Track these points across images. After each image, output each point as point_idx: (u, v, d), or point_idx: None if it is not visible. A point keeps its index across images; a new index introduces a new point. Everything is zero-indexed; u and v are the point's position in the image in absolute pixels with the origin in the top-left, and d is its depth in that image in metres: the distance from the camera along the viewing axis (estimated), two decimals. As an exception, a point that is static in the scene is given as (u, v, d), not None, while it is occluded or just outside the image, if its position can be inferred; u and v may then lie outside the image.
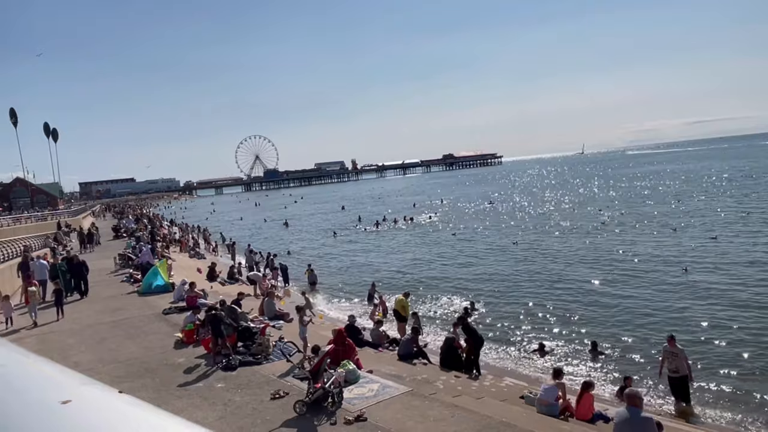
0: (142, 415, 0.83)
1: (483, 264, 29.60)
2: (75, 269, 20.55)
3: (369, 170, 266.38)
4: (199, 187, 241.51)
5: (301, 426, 8.64)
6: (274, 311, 17.43)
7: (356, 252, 38.40)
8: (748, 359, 13.92)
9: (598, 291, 21.65)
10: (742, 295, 19.21)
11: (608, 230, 37.18)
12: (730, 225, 34.21)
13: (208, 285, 22.42)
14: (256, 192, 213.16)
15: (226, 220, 78.26)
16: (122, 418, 0.82)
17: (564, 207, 56.01)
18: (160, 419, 0.81)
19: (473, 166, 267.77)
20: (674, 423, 10.51)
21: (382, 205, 78.90)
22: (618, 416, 7.31)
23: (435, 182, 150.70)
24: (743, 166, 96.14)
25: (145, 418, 0.82)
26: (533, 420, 9.43)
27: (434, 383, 11.78)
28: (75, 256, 21.89)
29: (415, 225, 50.75)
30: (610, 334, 16.64)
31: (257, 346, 12.82)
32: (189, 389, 10.59)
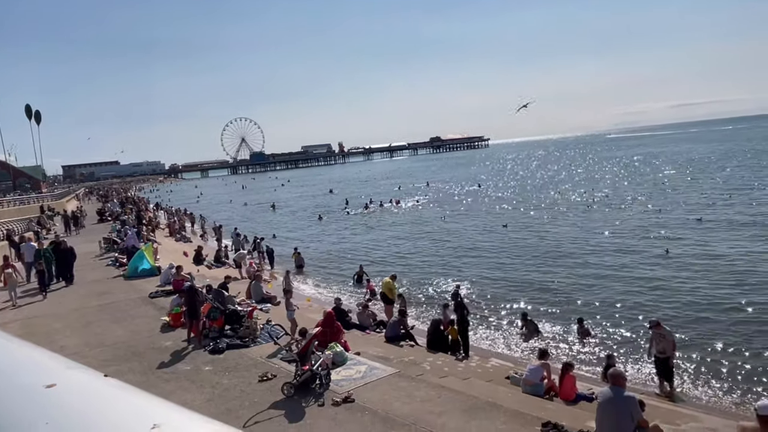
0: (129, 398, 0.83)
1: (471, 246, 29.71)
2: (62, 255, 19.73)
3: (356, 153, 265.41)
4: (184, 170, 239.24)
5: (288, 408, 8.69)
6: (261, 294, 17.43)
7: (344, 235, 38.38)
8: (729, 338, 14.15)
9: (585, 273, 21.81)
10: (722, 275, 19.50)
11: (594, 212, 37.47)
12: (712, 207, 34.61)
13: (195, 268, 22.32)
14: (243, 175, 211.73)
15: (214, 203, 77.72)
16: (108, 401, 0.82)
17: (551, 189, 56.28)
18: (147, 402, 0.81)
19: (460, 149, 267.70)
20: (656, 401, 10.71)
21: (370, 188, 78.77)
22: (602, 395, 7.43)
23: (422, 165, 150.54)
24: (728, 149, 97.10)
25: (131, 401, 0.81)
26: (518, 400, 9.56)
27: (421, 365, 11.90)
28: (63, 241, 20.95)
29: (401, 208, 50.76)
30: (596, 314, 16.83)
31: (244, 329, 12.83)
32: (177, 372, 10.59)
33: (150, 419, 0.70)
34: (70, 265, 19.69)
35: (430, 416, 8.24)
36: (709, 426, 9.17)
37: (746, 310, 16.01)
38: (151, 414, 0.74)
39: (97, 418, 0.75)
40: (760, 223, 28.26)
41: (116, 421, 0.74)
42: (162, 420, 0.70)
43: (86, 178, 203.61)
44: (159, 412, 0.75)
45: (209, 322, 13.01)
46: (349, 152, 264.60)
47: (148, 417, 0.72)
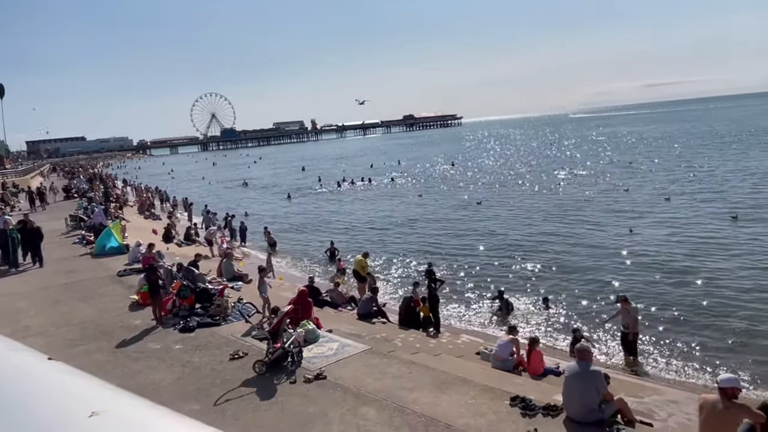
0: (71, 383, 0.78)
1: (445, 224, 29.90)
2: (29, 235, 18.61)
3: (329, 130, 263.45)
4: (153, 146, 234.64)
5: (260, 385, 8.68)
6: (232, 272, 17.27)
7: (316, 213, 38.24)
8: (691, 315, 14.57)
9: (555, 250, 22.17)
10: (685, 254, 20.01)
11: (565, 190, 37.97)
12: (678, 185, 35.34)
13: (164, 246, 21.99)
14: (213, 152, 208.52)
15: (185, 180, 76.43)
16: (49, 386, 0.77)
17: (522, 167, 56.76)
18: (89, 387, 0.76)
19: (433, 127, 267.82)
20: (621, 375, 11.00)
21: (344, 166, 78.40)
22: (568, 369, 7.58)
23: (395, 143, 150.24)
24: (697, 129, 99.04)
25: (73, 386, 0.77)
26: (488, 375, 9.72)
27: (393, 341, 11.98)
28: (30, 221, 19.74)
29: (375, 186, 50.67)
30: (563, 291, 17.16)
31: (215, 307, 12.72)
32: (146, 351, 10.47)
33: (90, 405, 0.67)
34: (38, 246, 18.65)
35: (402, 392, 8.32)
36: (671, 398, 9.46)
37: (709, 288, 16.48)
38: (92, 400, 0.70)
39: (33, 404, 0.71)
40: (721, 199, 29.02)
41: (54, 406, 0.70)
42: (102, 406, 0.66)
43: (51, 154, 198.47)
44: (100, 398, 0.71)
45: (179, 300, 12.87)
46: (322, 129, 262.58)
47: (88, 403, 0.68)
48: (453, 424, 7.22)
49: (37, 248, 18.52)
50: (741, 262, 18.62)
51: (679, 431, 7.96)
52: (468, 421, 7.33)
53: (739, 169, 40.44)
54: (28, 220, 19.64)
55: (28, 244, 18.57)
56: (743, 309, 14.60)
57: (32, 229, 18.81)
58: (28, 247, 18.59)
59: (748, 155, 49.40)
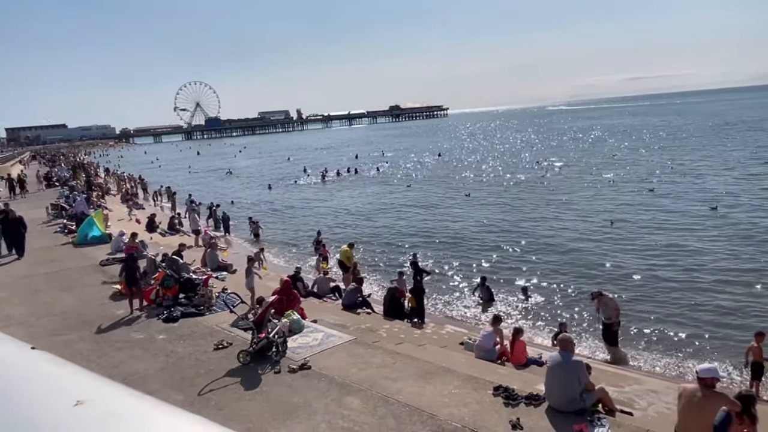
0: (55, 372, 0.78)
1: (432, 215, 29.98)
2: (10, 225, 17.85)
3: (314, 120, 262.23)
4: (136, 134, 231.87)
5: (245, 375, 8.68)
6: (217, 262, 17.20)
7: (301, 203, 38.09)
8: (670, 306, 14.79)
9: (541, 242, 22.27)
10: (665, 243, 20.28)
11: (550, 182, 38.19)
12: (663, 177, 35.73)
13: (148, 236, 21.81)
14: (197, 141, 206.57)
15: (170, 169, 75.54)
16: (32, 375, 0.77)
17: (509, 159, 56.97)
18: (74, 376, 0.76)
19: (419, 117, 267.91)
20: (602, 366, 11.15)
21: (331, 156, 78.18)
22: (551, 360, 7.67)
23: (382, 133, 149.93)
24: (678, 122, 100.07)
25: (57, 375, 0.77)
26: (472, 365, 9.80)
27: (377, 332, 12.02)
28: (11, 210, 18.86)
29: (360, 177, 50.58)
30: (545, 281, 17.32)
31: (200, 297, 12.68)
32: (129, 341, 10.41)
33: (75, 394, 0.67)
34: (21, 237, 17.95)
35: (386, 381, 8.37)
36: (651, 388, 9.61)
37: (689, 278, 16.73)
38: (76, 389, 0.70)
39: (17, 394, 0.71)
40: (701, 190, 29.40)
41: (38, 396, 0.70)
42: (87, 395, 0.66)
43: (32, 141, 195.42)
44: (85, 387, 0.71)
45: (163, 290, 12.80)
46: (308, 119, 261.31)
47: (73, 392, 0.68)
48: (437, 414, 7.28)
49: (21, 239, 17.89)
50: (720, 252, 18.92)
51: (658, 420, 8.09)
52: (452, 410, 7.40)
53: (719, 162, 40.96)
54: (9, 210, 18.90)
55: (9, 234, 17.94)
56: (723, 299, 14.85)
57: (14, 219, 18.07)
58: (10, 237, 17.94)
59: (727, 147, 50.08)
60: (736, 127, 74.87)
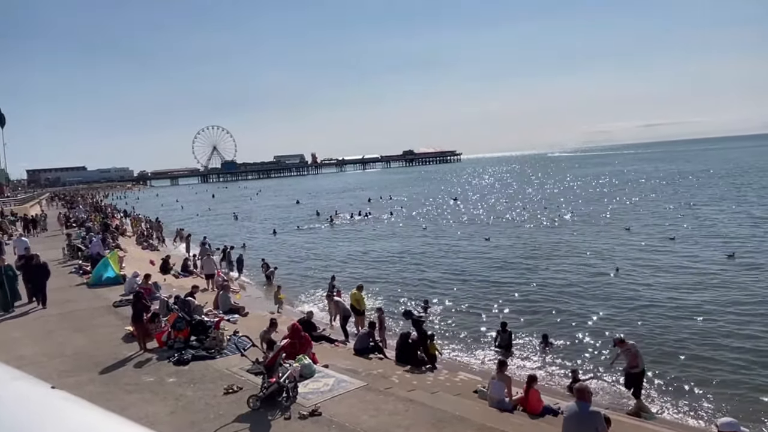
0: (77, 411, 0.79)
1: (447, 259, 29.84)
2: (33, 272, 16.60)
3: (329, 164, 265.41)
4: (153, 177, 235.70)
5: (254, 421, 8.54)
6: (229, 305, 17.19)
7: (313, 246, 38.11)
8: (695, 357, 14.44)
9: (561, 289, 21.96)
10: (685, 291, 19.94)
11: (568, 228, 38.00)
12: (677, 224, 35.42)
13: (162, 277, 21.90)
14: (213, 184, 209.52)
15: (188, 211, 76.32)
16: (54, 414, 0.78)
17: (526, 205, 56.90)
18: (95, 416, 0.77)
19: (433, 162, 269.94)
20: (622, 417, 10.82)
21: (345, 199, 78.71)
22: (567, 410, 7.48)
23: (395, 178, 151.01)
24: (694, 168, 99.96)
25: (79, 415, 0.77)
26: (486, 413, 9.58)
27: (390, 378, 11.84)
28: (35, 255, 17.68)
29: (373, 220, 50.73)
30: (565, 329, 17.05)
31: (211, 340, 12.61)
32: (139, 384, 10.33)
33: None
34: (43, 285, 16.52)
35: (398, 429, 8.19)
36: (672, 441, 9.31)
37: (709, 327, 16.38)
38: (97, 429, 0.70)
39: None
40: (718, 237, 29.06)
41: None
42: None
43: (51, 183, 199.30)
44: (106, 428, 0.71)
45: (174, 332, 12.76)
46: (322, 163, 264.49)
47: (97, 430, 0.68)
48: (450, 464, 7.09)
49: (42, 287, 16.54)
50: (740, 301, 18.57)
51: (680, 475, 7.81)
52: (465, 461, 7.20)
53: (736, 210, 40.64)
54: (33, 255, 17.84)
55: (31, 281, 16.69)
56: (744, 350, 14.50)
57: (38, 264, 16.85)
58: (32, 284, 16.67)
59: (746, 196, 49.74)
60: (751, 175, 74.52)
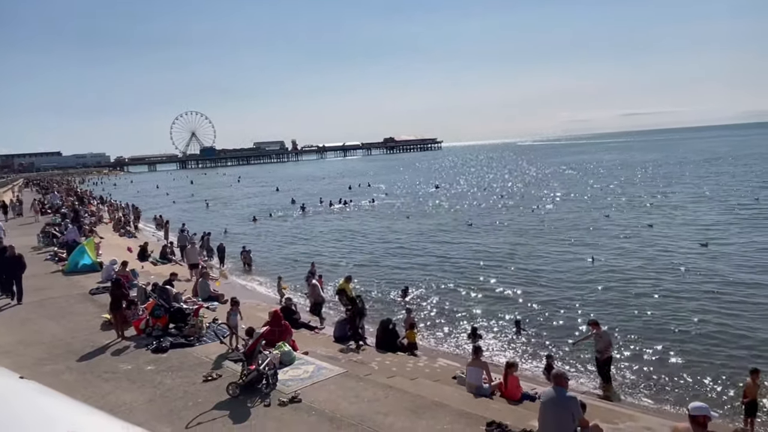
0: (44, 401, 0.77)
1: (426, 246, 29.93)
2: (8, 264, 15.66)
3: (309, 151, 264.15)
4: (131, 163, 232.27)
5: (234, 408, 8.53)
6: (208, 292, 17.06)
7: (294, 234, 37.96)
8: (665, 342, 14.71)
9: (539, 275, 22.23)
10: (657, 279, 20.30)
11: (547, 215, 38.33)
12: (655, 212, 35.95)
13: (139, 265, 21.66)
14: (192, 170, 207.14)
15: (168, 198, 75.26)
16: (21, 405, 0.76)
17: (508, 192, 57.19)
18: (63, 406, 0.75)
19: (413, 150, 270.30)
20: (596, 402, 11.01)
21: (326, 186, 78.41)
22: (544, 395, 7.58)
23: (376, 165, 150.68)
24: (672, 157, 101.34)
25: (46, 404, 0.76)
26: (464, 399, 9.67)
27: (369, 364, 11.90)
28: (10, 246, 16.74)
29: (354, 208, 50.62)
30: (543, 315, 17.24)
31: (190, 327, 12.53)
32: (116, 372, 10.24)
33: (65, 423, 0.65)
34: (18, 278, 15.61)
35: (377, 416, 8.24)
36: (646, 425, 9.49)
37: (681, 314, 16.69)
38: (66, 418, 0.69)
39: (7, 423, 0.70)
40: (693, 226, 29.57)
41: (28, 425, 0.69)
42: (78, 425, 0.65)
43: (25, 168, 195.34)
44: (75, 416, 0.70)
45: (153, 320, 12.65)
46: (303, 150, 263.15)
47: (63, 421, 0.67)
48: (429, 450, 7.15)
49: (18, 280, 15.65)
50: (713, 288, 18.93)
51: (652, 458, 7.99)
52: (444, 446, 7.27)
53: (710, 198, 41.33)
54: (6, 247, 16.88)
55: (5, 273, 15.84)
56: (716, 336, 14.81)
57: (12, 256, 15.91)
58: (6, 276, 15.86)
59: (720, 185, 50.59)
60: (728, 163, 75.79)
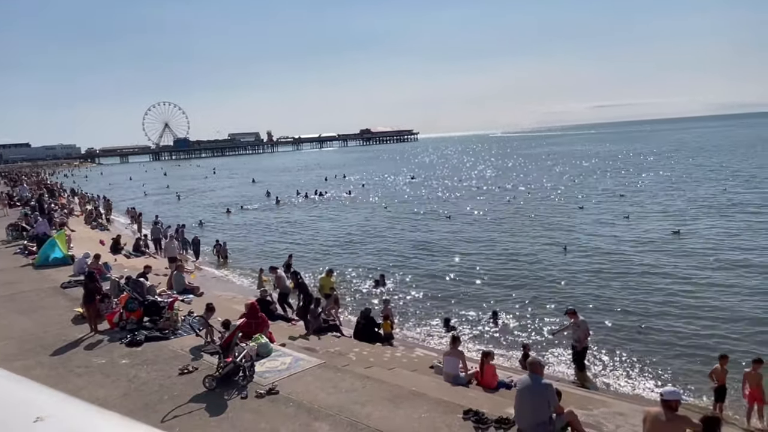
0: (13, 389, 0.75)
1: (404, 237, 30.02)
2: None
3: (285, 143, 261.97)
4: (102, 155, 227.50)
5: (210, 401, 8.46)
6: (183, 285, 16.86)
7: (268, 226, 37.72)
8: (637, 330, 15.01)
9: (514, 265, 22.49)
10: (630, 268, 20.67)
11: (523, 207, 38.68)
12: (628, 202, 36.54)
13: (112, 258, 21.31)
14: (166, 161, 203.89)
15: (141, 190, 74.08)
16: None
17: (482, 184, 57.56)
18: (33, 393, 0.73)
19: (390, 141, 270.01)
20: (571, 388, 11.20)
21: (302, 178, 77.98)
22: (520, 383, 7.67)
23: (352, 156, 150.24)
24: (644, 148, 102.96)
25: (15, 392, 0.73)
26: (442, 388, 9.74)
27: (347, 355, 11.91)
28: None
29: (330, 199, 50.48)
30: (520, 304, 17.46)
31: (165, 320, 12.39)
32: (90, 366, 10.08)
33: (35, 410, 0.63)
34: None
35: (355, 406, 8.26)
36: (619, 410, 9.67)
37: (653, 302, 17.03)
38: (36, 405, 0.67)
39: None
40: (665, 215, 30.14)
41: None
42: (48, 411, 0.63)
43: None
44: (45, 403, 0.68)
45: (126, 313, 12.47)
46: (278, 141, 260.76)
47: (32, 408, 0.65)
48: (406, 438, 7.20)
49: None
50: (683, 277, 19.35)
51: (625, 442, 8.16)
52: (421, 435, 7.32)
53: (680, 188, 42.14)
54: None
55: None
56: (686, 323, 15.15)
57: None
58: None
59: (689, 174, 51.61)
60: (695, 153, 77.30)
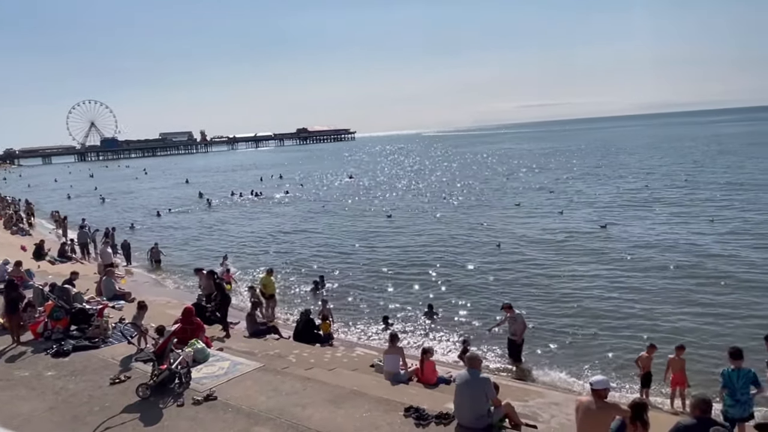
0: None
1: (343, 237, 29.94)
2: None
3: (219, 142, 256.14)
4: (22, 155, 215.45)
5: (144, 410, 8.18)
6: (113, 291, 16.20)
7: (200, 228, 36.72)
8: (568, 320, 15.59)
9: (450, 262, 22.82)
10: (559, 261, 21.44)
11: (460, 204, 39.35)
12: (560, 198, 37.86)
13: (35, 264, 20.24)
14: (92, 162, 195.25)
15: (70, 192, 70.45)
16: None
17: (422, 180, 58.18)
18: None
19: (327, 140, 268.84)
20: (508, 381, 11.51)
21: (237, 178, 76.46)
22: (459, 378, 7.80)
23: (289, 156, 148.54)
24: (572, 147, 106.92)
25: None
26: (383, 387, 9.79)
27: (287, 357, 11.80)
28: None
29: (265, 199, 49.74)
30: (450, 300, 17.78)
31: (94, 328, 11.87)
32: (12, 379, 9.55)
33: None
34: None
35: (296, 408, 8.18)
36: (553, 400, 10.03)
37: (583, 295, 17.73)
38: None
39: None
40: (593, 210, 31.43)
41: None
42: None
43: None
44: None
45: (52, 322, 11.86)
46: (212, 141, 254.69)
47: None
48: (348, 439, 7.19)
49: None
50: (612, 267, 20.23)
51: (560, 431, 8.45)
52: (363, 434, 7.33)
53: (605, 183, 44.06)
54: None
55: None
56: (614, 314, 15.83)
57: None
58: None
59: (614, 171, 54.05)
60: (623, 152, 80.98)
